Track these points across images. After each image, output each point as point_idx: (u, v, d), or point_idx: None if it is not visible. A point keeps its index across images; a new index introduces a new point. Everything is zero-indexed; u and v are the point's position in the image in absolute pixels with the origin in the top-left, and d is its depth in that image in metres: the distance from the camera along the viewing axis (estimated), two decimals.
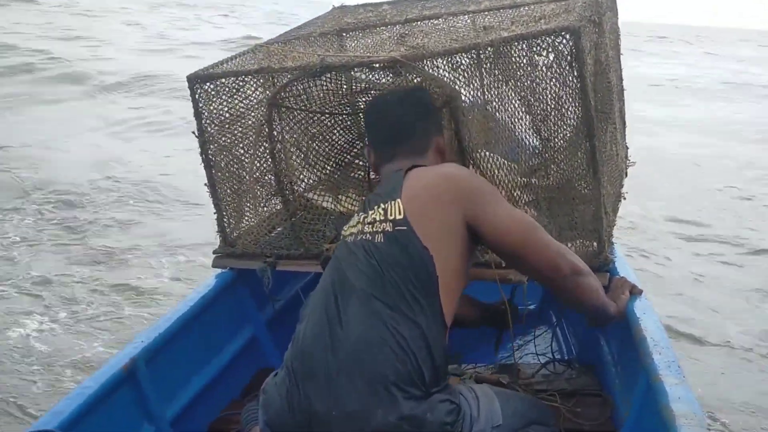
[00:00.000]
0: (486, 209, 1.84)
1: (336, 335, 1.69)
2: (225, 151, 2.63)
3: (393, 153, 2.08)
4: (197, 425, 2.47)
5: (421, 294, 1.71)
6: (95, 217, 6.50)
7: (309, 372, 1.68)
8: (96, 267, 5.44)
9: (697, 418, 1.56)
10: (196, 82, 2.58)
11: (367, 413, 1.59)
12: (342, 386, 1.62)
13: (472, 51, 2.19)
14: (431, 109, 2.14)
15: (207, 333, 2.65)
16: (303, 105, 2.46)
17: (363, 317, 1.69)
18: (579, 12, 2.23)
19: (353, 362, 1.64)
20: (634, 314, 2.07)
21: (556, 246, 1.87)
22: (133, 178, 7.67)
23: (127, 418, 2.21)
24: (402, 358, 1.63)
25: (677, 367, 1.81)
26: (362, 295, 1.72)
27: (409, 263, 1.73)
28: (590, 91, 2.12)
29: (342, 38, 2.99)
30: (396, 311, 1.68)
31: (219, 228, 2.74)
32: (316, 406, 1.64)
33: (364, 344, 1.65)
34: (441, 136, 2.14)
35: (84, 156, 8.36)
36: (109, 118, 10.63)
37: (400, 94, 2.18)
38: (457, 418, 1.66)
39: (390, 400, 1.59)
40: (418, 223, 1.78)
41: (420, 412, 1.61)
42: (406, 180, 1.89)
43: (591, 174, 2.18)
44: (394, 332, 1.65)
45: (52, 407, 1.98)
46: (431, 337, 1.68)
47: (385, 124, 2.12)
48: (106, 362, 2.23)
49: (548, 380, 2.52)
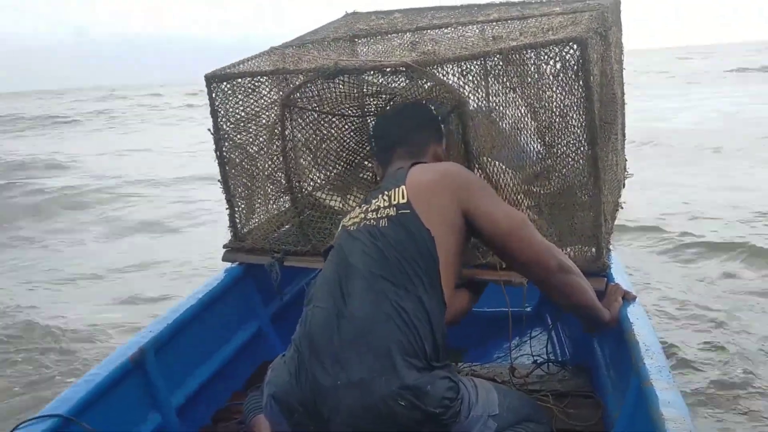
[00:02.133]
0: (478, 201, 1.95)
1: (342, 314, 1.77)
2: (239, 149, 2.70)
3: (391, 156, 2.21)
4: (202, 414, 2.52)
5: (423, 272, 1.81)
6: None
7: (317, 350, 1.75)
8: None
9: (686, 422, 1.58)
10: (214, 81, 2.66)
11: (370, 381, 1.66)
12: (348, 359, 1.70)
13: (481, 58, 2.26)
14: (429, 120, 2.28)
15: (214, 325, 2.71)
16: (315, 106, 2.53)
17: (368, 295, 1.78)
18: (586, 24, 2.30)
19: (359, 337, 1.72)
20: (627, 319, 2.11)
21: (544, 242, 1.95)
22: None
23: (134, 406, 2.26)
24: (404, 331, 1.71)
25: (668, 371, 1.84)
26: (367, 275, 1.81)
27: (412, 243, 1.84)
28: (595, 101, 2.19)
29: (354, 44, 3.05)
30: (399, 287, 1.78)
31: (230, 223, 2.82)
32: (321, 380, 1.71)
33: (369, 320, 1.74)
34: (439, 146, 2.26)
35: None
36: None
37: (400, 107, 2.35)
38: (456, 396, 1.74)
39: (392, 369, 1.67)
40: (420, 207, 1.89)
41: (421, 383, 1.68)
42: (410, 172, 2.00)
43: (592, 181, 2.24)
44: (398, 307, 1.74)
45: (60, 394, 2.02)
46: (432, 312, 1.78)
47: (385, 135, 2.28)
48: (115, 351, 2.28)
49: (542, 381, 2.56)
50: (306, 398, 1.74)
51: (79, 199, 11.17)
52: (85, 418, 1.95)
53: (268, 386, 1.86)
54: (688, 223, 6.99)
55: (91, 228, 9.15)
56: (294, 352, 1.82)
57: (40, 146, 20.00)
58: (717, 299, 4.97)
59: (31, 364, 4.55)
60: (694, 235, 6.51)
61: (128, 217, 9.72)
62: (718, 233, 6.56)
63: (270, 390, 1.84)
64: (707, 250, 6.14)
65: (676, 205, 7.82)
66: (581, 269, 2.03)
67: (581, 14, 2.54)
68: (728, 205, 7.67)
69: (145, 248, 7.76)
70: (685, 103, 20.32)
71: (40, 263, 7.29)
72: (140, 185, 12.33)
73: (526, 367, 2.68)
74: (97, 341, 4.86)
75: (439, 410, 1.69)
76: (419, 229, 1.85)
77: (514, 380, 2.53)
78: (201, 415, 2.52)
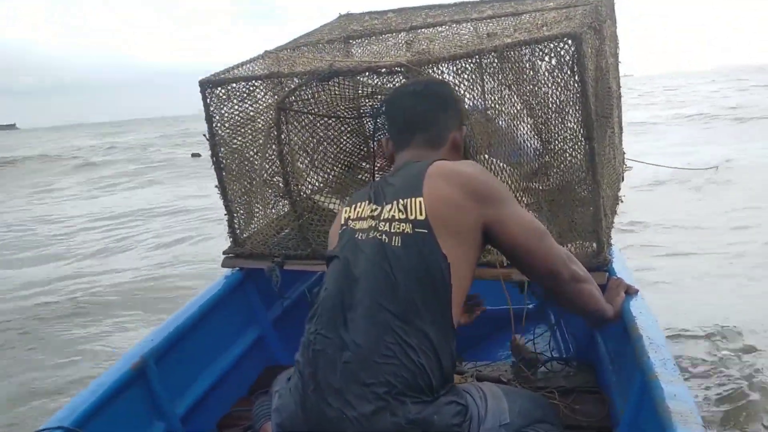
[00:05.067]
0: (501, 213, 1.83)
1: (345, 344, 1.69)
2: (235, 154, 2.69)
3: (408, 140, 2.03)
4: (206, 422, 2.51)
5: (433, 302, 1.71)
6: None
7: (320, 382, 1.69)
8: None
9: (692, 415, 1.57)
10: (208, 86, 2.65)
11: (375, 416, 1.61)
12: (351, 393, 1.64)
13: (476, 56, 2.25)
14: (450, 103, 2.08)
15: (215, 331, 2.70)
16: (311, 109, 2.52)
17: (371, 328, 1.68)
18: (580, 19, 2.30)
19: (362, 371, 1.65)
20: (630, 313, 2.10)
21: (560, 254, 1.89)
22: None
23: (138, 416, 2.26)
24: (411, 369, 1.64)
25: (673, 364, 1.83)
26: (371, 305, 1.70)
27: (425, 272, 1.71)
28: (591, 96, 2.18)
29: (349, 45, 3.03)
30: (405, 322, 1.67)
31: (229, 228, 2.81)
32: (328, 413, 1.66)
33: (372, 354, 1.65)
34: (459, 131, 2.08)
35: None
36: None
37: (420, 85, 2.11)
38: (464, 419, 1.68)
39: (398, 404, 1.61)
40: (439, 227, 1.75)
41: (427, 415, 1.63)
42: (428, 177, 1.82)
43: (591, 177, 2.24)
44: (403, 344, 1.65)
45: (64, 404, 2.02)
46: (439, 344, 1.69)
47: (402, 113, 2.07)
48: (117, 360, 2.27)
49: (547, 378, 2.56)
50: (312, 430, 1.69)
51: None
52: (89, 428, 1.95)
53: (275, 414, 1.81)
54: None
55: None
56: (298, 380, 1.76)
57: None
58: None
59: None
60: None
61: None
62: None
63: (277, 419, 1.80)
64: None
65: None
66: (583, 264, 2.00)
67: (575, 9, 2.54)
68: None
69: None
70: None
71: None
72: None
73: (531, 364, 2.67)
74: None
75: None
76: (435, 255, 1.72)
77: (519, 378, 2.53)
78: (206, 423, 2.51)
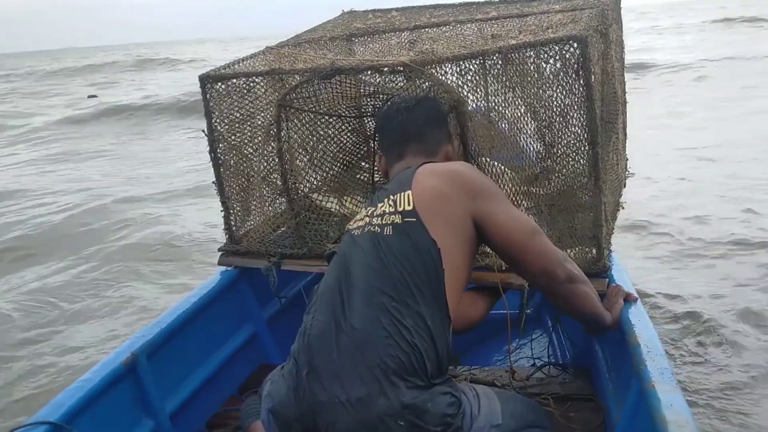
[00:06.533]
0: (491, 208, 1.87)
1: (341, 328, 1.72)
2: (234, 150, 2.66)
3: (402, 152, 2.10)
4: (196, 420, 2.49)
5: (426, 286, 1.74)
6: None
7: (315, 365, 1.71)
8: None
9: (688, 425, 1.56)
10: (208, 81, 2.62)
11: (368, 400, 1.62)
12: (346, 376, 1.65)
13: (480, 57, 2.23)
14: (442, 117, 2.17)
15: (208, 329, 2.67)
16: (312, 107, 2.50)
17: (367, 311, 1.71)
18: (586, 22, 2.28)
19: (358, 354, 1.67)
20: (629, 321, 2.08)
21: (555, 252, 1.90)
22: None
23: (127, 412, 2.23)
24: (405, 350, 1.66)
25: (670, 374, 1.81)
26: (367, 289, 1.74)
27: (416, 255, 1.75)
28: (596, 100, 2.16)
29: (351, 43, 3.01)
30: (401, 303, 1.71)
31: (225, 225, 2.78)
32: (320, 396, 1.67)
33: (368, 337, 1.68)
34: (450, 145, 2.16)
35: None
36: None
37: (412, 101, 2.18)
38: (457, 411, 1.69)
39: (392, 389, 1.62)
40: (427, 215, 1.80)
41: (421, 402, 1.63)
42: (417, 174, 1.90)
43: (592, 182, 2.21)
44: (398, 324, 1.68)
45: (51, 399, 1.99)
46: (435, 329, 1.71)
47: (395, 128, 2.14)
48: (107, 356, 2.25)
49: (542, 384, 2.54)
50: (304, 414, 1.70)
51: None
52: (76, 424, 1.93)
53: (267, 399, 1.83)
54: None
55: None
56: (292, 366, 1.77)
57: None
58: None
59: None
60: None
61: None
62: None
63: (268, 404, 1.81)
64: None
65: None
66: (582, 270, 2.00)
67: (581, 11, 2.52)
68: None
69: None
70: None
71: None
72: None
73: (526, 370, 2.65)
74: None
75: (440, 428, 1.65)
76: (424, 240, 1.77)
77: (514, 383, 2.51)
78: (195, 421, 2.48)
